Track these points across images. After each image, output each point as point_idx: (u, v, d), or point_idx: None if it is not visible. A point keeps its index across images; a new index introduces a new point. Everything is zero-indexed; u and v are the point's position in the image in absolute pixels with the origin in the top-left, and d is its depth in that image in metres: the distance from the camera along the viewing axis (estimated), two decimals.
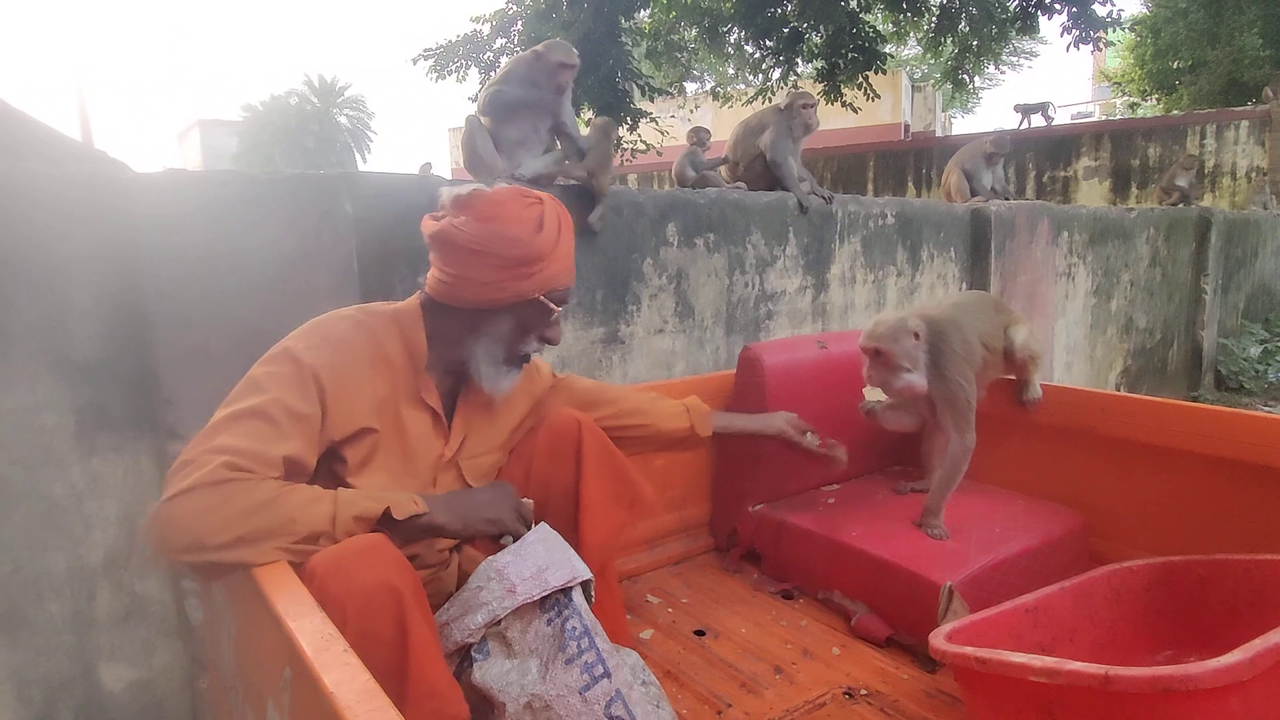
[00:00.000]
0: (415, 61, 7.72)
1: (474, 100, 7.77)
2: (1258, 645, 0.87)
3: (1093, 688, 0.91)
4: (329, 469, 1.17)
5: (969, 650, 1.06)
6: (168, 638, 1.62)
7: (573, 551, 1.10)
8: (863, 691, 1.30)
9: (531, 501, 1.24)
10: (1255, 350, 6.09)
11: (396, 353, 1.24)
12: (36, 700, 1.48)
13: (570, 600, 1.00)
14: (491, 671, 1.00)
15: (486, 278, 1.20)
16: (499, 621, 1.03)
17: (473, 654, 1.02)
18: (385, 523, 1.06)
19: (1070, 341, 4.63)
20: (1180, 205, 6.24)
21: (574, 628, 0.98)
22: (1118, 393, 1.67)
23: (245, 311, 1.59)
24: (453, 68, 7.74)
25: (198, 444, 1.05)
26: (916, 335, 1.52)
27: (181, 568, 1.03)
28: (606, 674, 0.95)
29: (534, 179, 2.29)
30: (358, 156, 22.66)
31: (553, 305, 1.24)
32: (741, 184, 3.22)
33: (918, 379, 1.52)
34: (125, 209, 1.50)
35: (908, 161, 9.86)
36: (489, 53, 7.65)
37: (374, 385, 1.19)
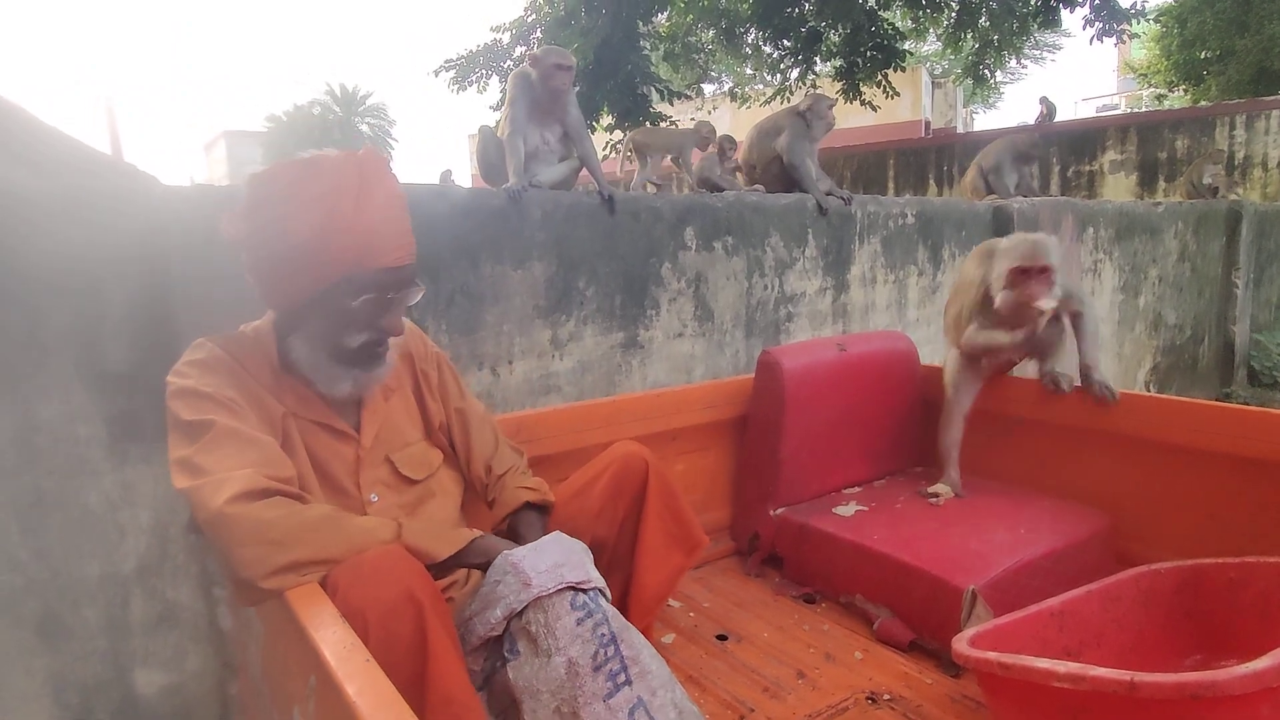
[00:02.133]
0: (437, 73, 7.79)
1: (495, 109, 7.85)
2: None
3: (1118, 694, 0.90)
4: None
5: (992, 656, 1.06)
6: (199, 643, 1.65)
7: (588, 557, 1.09)
8: (886, 696, 1.29)
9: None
10: None
11: (263, 371, 1.15)
12: (73, 704, 1.52)
13: (599, 604, 1.01)
14: (523, 672, 1.01)
15: (265, 277, 1.10)
16: (520, 614, 1.01)
17: (505, 653, 1.03)
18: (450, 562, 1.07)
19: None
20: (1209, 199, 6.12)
21: (603, 635, 0.99)
22: (1145, 393, 1.65)
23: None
24: (473, 78, 7.80)
25: (195, 475, 0.98)
26: None
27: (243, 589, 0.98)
28: (628, 681, 0.96)
29: (553, 188, 2.31)
30: (389, 148, 22.94)
31: (350, 300, 1.08)
32: (759, 186, 3.21)
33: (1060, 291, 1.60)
34: (156, 222, 1.54)
35: (929, 159, 9.76)
36: (509, 61, 7.71)
37: (264, 407, 1.11)
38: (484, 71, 7.81)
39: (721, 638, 1.52)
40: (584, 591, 1.02)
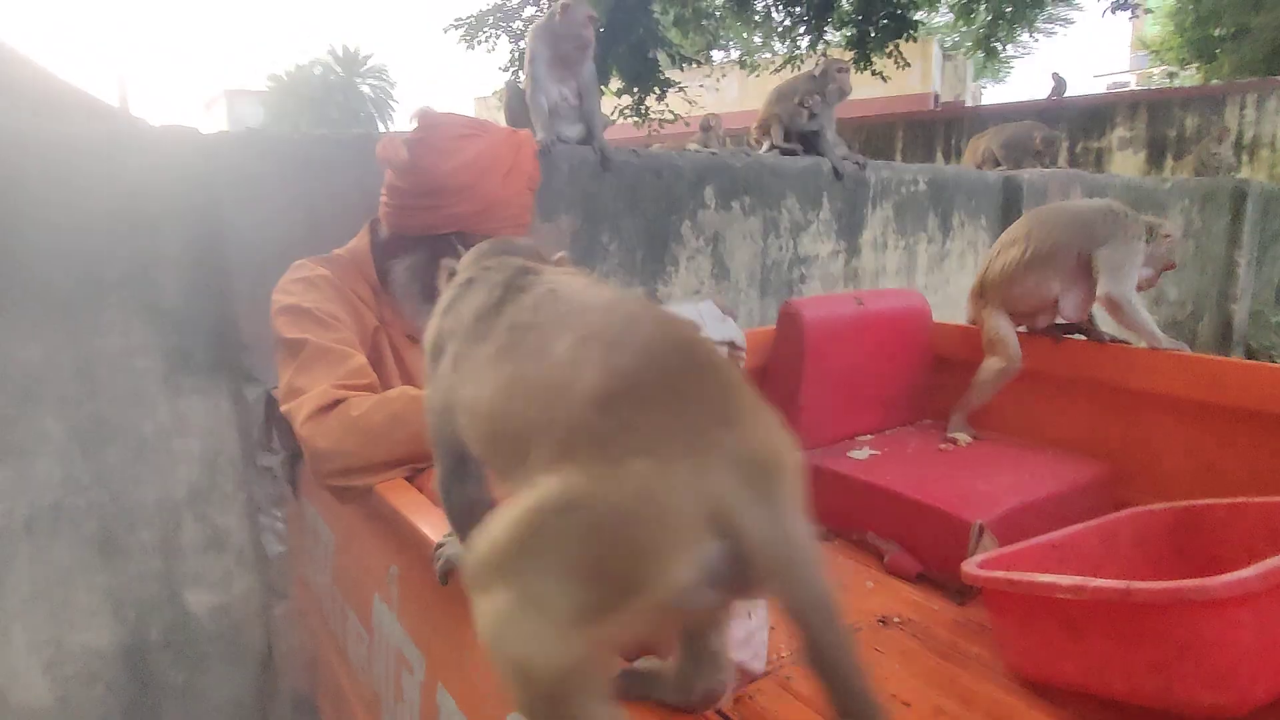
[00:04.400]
0: (446, 31, 7.75)
1: (504, 70, 7.82)
2: (1270, 563, 0.94)
3: (1114, 601, 0.99)
4: None
5: (999, 574, 1.15)
6: (245, 568, 1.75)
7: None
8: (896, 620, 1.39)
9: None
10: None
11: (362, 289, 1.25)
12: (130, 619, 1.62)
13: None
14: None
15: (398, 201, 1.20)
16: None
17: None
18: None
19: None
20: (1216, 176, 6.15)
21: None
22: (1142, 347, 1.73)
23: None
24: (482, 37, 7.76)
25: (290, 398, 1.10)
26: None
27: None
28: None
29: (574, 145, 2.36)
30: (381, 126, 22.72)
31: (461, 250, 1.15)
32: (776, 149, 3.26)
33: None
34: (206, 166, 1.60)
35: (937, 131, 9.75)
36: (519, 21, 7.66)
37: (361, 320, 1.21)
38: (493, 31, 7.77)
39: None
40: None
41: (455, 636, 0.76)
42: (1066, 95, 9.61)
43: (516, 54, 7.58)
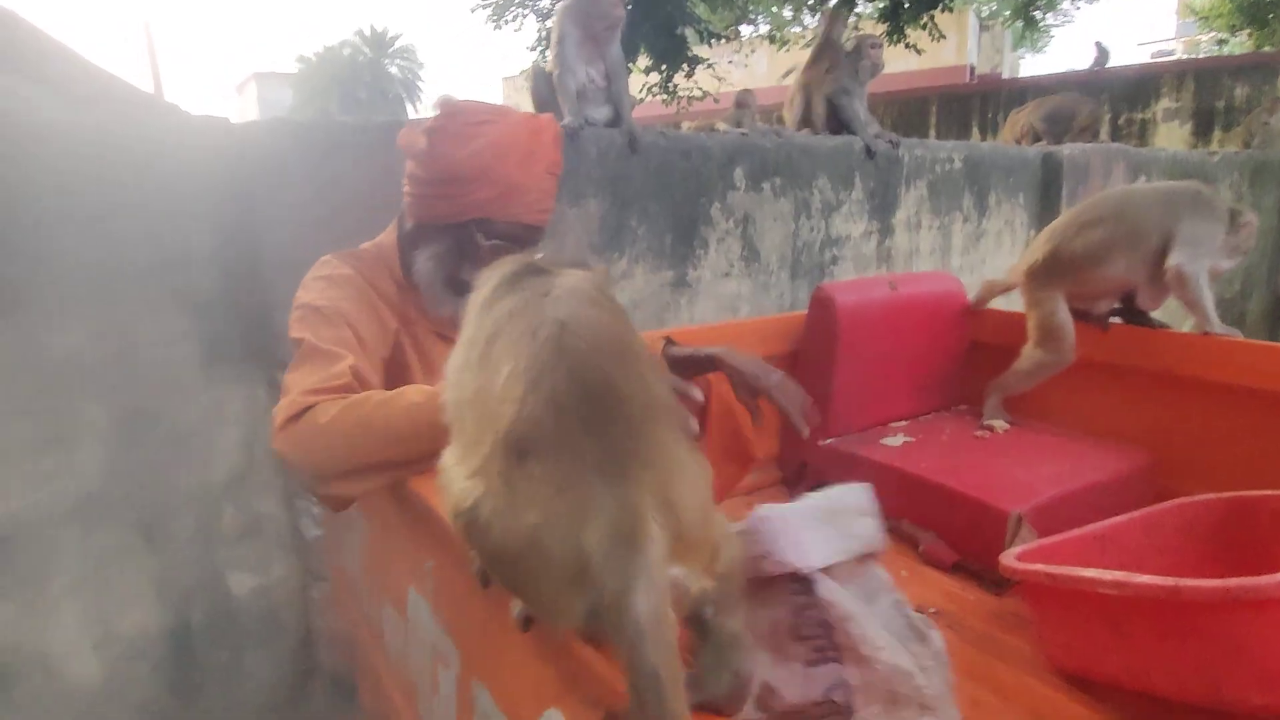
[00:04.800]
0: (474, 10, 7.72)
1: (531, 49, 7.77)
2: None
3: (1161, 599, 0.96)
4: None
5: (1039, 566, 1.13)
6: (284, 551, 1.78)
7: (818, 534, 0.96)
8: (931, 610, 1.37)
9: None
10: None
11: (385, 283, 1.24)
12: (174, 602, 1.66)
13: (814, 591, 0.91)
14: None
15: (418, 190, 1.19)
16: None
17: None
18: None
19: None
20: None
21: (810, 616, 0.91)
22: (1189, 332, 1.67)
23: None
24: (509, 16, 7.71)
25: (280, 397, 1.06)
26: None
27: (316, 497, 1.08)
28: (838, 660, 0.90)
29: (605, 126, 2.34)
30: (409, 107, 22.81)
31: (482, 239, 1.16)
32: (807, 129, 3.20)
33: None
34: (237, 154, 1.62)
35: (973, 105, 9.49)
36: (546, 0, 7.60)
37: (379, 320, 1.19)
38: (520, 9, 7.71)
39: None
40: (800, 580, 0.93)
41: (490, 633, 0.77)
42: (1109, 65, 9.29)
43: (543, 33, 7.52)
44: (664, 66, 7.77)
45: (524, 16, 7.74)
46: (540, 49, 7.64)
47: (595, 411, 0.55)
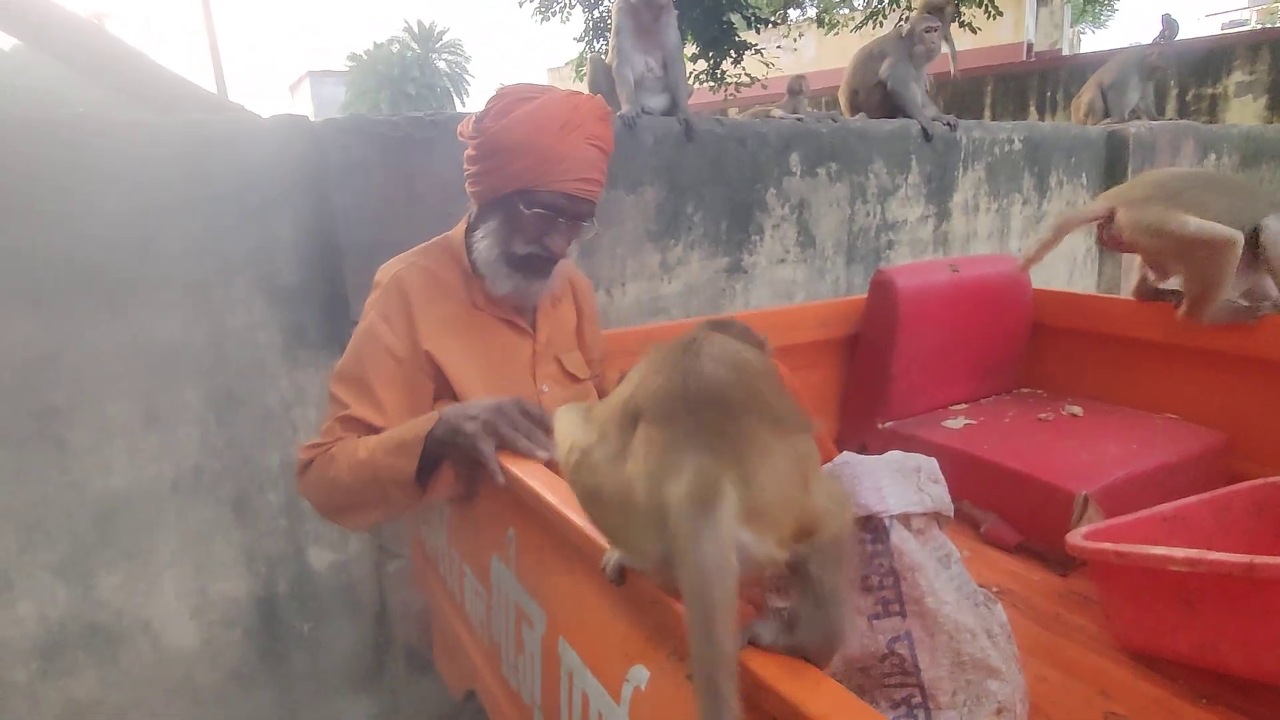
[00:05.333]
0: (521, 4, 7.80)
1: (579, 40, 7.82)
2: None
3: (1235, 575, 0.96)
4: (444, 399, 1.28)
5: (1108, 545, 1.13)
6: (358, 530, 1.87)
7: (896, 484, 0.98)
8: (995, 589, 1.38)
9: (540, 406, 1.13)
10: None
11: (450, 273, 1.30)
12: (262, 572, 1.76)
13: (887, 537, 0.93)
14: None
15: (470, 170, 1.25)
16: None
17: None
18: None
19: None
20: None
21: (880, 565, 0.93)
22: (1262, 308, 1.62)
23: (420, 240, 1.78)
24: (557, 8, 7.77)
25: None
26: None
27: None
28: (901, 614, 0.92)
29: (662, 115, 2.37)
30: (457, 101, 23.09)
31: (525, 209, 1.21)
32: (862, 113, 3.18)
33: None
34: (316, 151, 1.70)
35: (1030, 85, 9.19)
36: None
37: (439, 311, 1.26)
38: (568, 1, 7.76)
39: None
40: (873, 528, 0.96)
41: (575, 594, 0.81)
42: (1177, 38, 8.89)
43: (590, 24, 7.56)
44: (711, 54, 7.74)
45: (571, 8, 7.79)
46: (587, 39, 7.67)
47: (700, 398, 0.63)
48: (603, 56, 2.58)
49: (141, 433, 1.58)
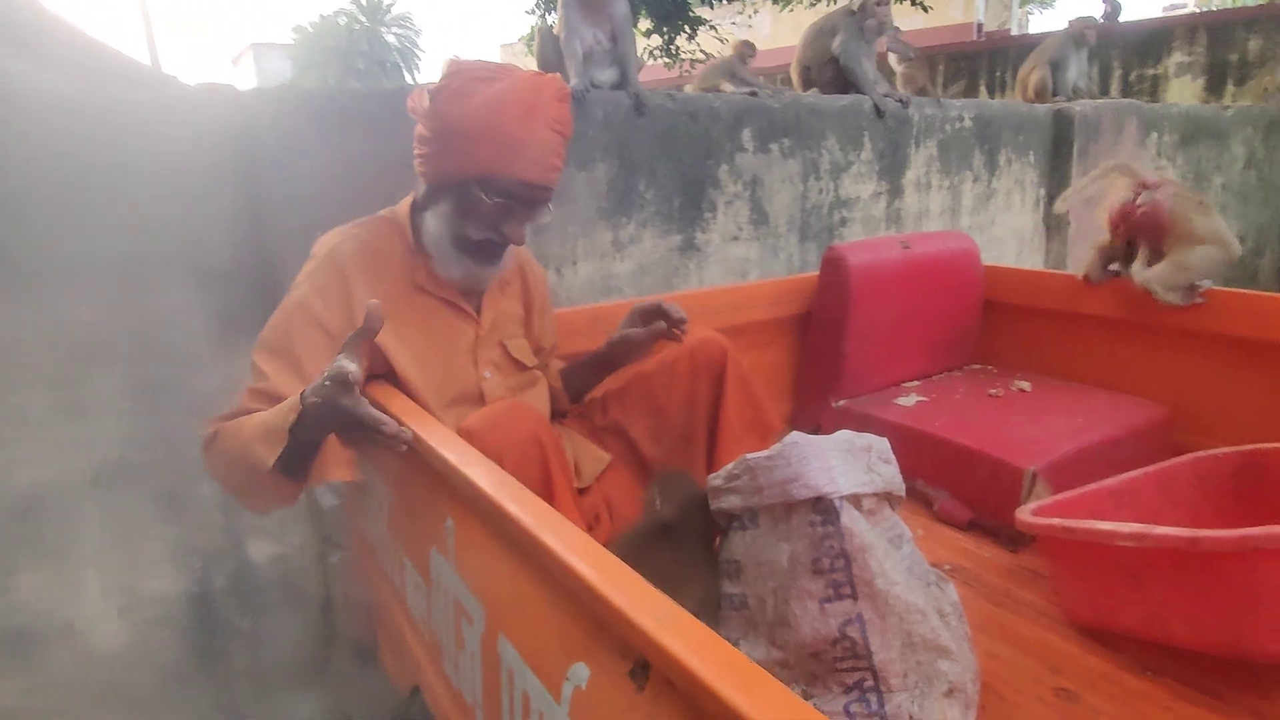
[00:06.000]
0: None
1: (529, 12, 7.63)
2: None
3: (1180, 549, 0.97)
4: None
5: (1056, 521, 1.13)
6: (300, 520, 1.80)
7: (846, 464, 0.98)
8: (947, 567, 1.38)
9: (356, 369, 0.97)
10: None
11: (393, 249, 1.24)
12: (196, 568, 1.69)
13: (837, 519, 0.92)
14: (756, 544, 0.99)
15: (423, 150, 1.19)
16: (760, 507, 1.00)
17: (744, 521, 1.02)
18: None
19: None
20: None
21: (831, 547, 0.92)
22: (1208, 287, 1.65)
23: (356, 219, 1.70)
24: None
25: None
26: None
27: None
28: (853, 596, 0.91)
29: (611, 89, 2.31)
30: (407, 75, 22.51)
31: (484, 196, 1.15)
32: (815, 89, 3.16)
33: None
34: (246, 125, 1.60)
35: (980, 64, 9.30)
36: None
37: (378, 289, 1.20)
38: None
39: None
40: (823, 509, 0.95)
41: (513, 588, 0.77)
42: (1120, 20, 9.08)
43: None
44: (665, 29, 7.64)
45: None
46: (539, 12, 7.50)
47: None
48: (553, 29, 2.50)
49: (61, 424, 1.48)
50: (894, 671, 0.91)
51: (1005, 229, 3.55)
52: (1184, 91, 8.22)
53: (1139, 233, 1.67)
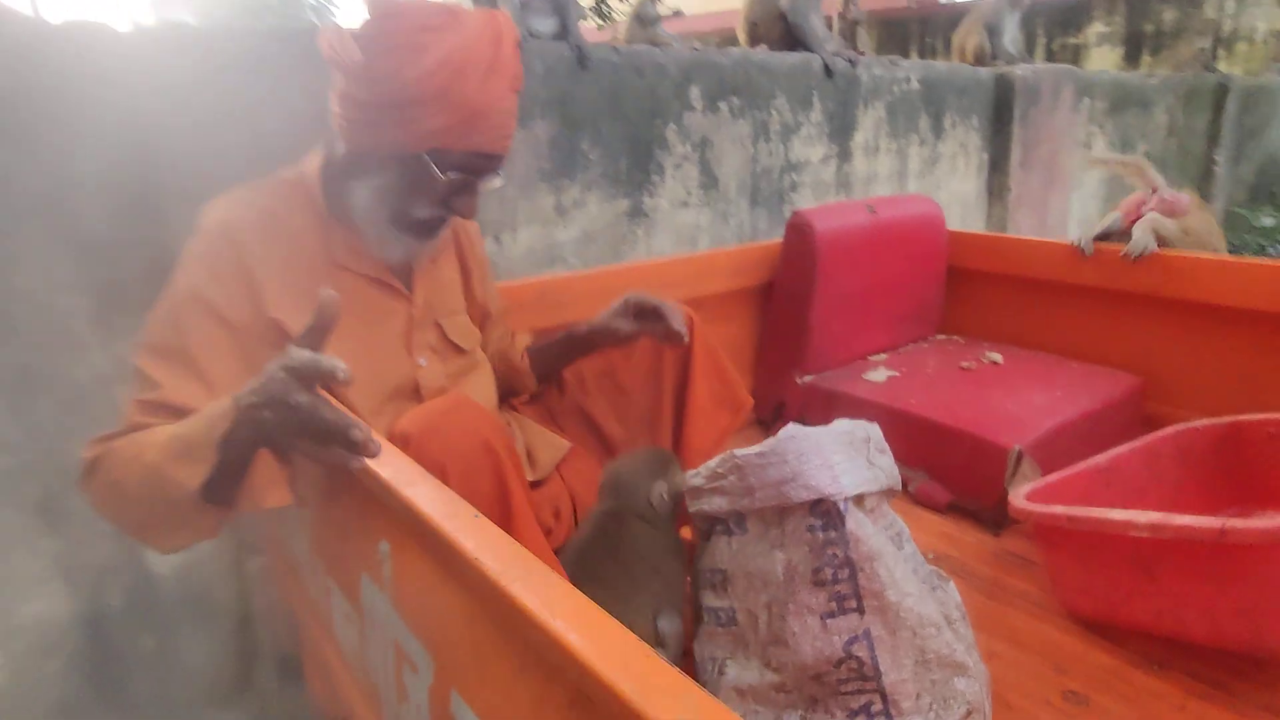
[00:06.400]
0: None
1: None
2: None
3: (1203, 541, 0.89)
4: None
5: (1059, 509, 1.04)
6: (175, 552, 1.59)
7: (848, 460, 0.86)
8: (930, 555, 1.30)
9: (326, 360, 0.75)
10: (1270, 221, 5.98)
11: (303, 220, 1.04)
12: (86, 584, 1.47)
13: (842, 523, 0.82)
14: (745, 550, 0.88)
15: (355, 114, 0.97)
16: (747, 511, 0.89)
17: (730, 525, 0.91)
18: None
19: (1084, 214, 4.54)
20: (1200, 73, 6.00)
21: (834, 555, 0.81)
22: (1173, 251, 1.60)
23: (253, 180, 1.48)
24: None
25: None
26: None
27: None
28: (859, 610, 0.81)
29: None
30: (330, 13, 21.28)
31: (438, 171, 0.97)
32: (763, 44, 3.02)
33: None
34: (125, 70, 1.35)
35: (910, 30, 9.35)
36: None
37: (287, 268, 1.00)
38: None
39: None
40: (824, 513, 0.83)
41: (469, 637, 0.62)
42: None
43: None
44: None
45: None
46: None
47: None
48: None
49: None
50: (905, 693, 0.81)
51: (950, 194, 3.51)
52: (1104, 60, 8.45)
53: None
